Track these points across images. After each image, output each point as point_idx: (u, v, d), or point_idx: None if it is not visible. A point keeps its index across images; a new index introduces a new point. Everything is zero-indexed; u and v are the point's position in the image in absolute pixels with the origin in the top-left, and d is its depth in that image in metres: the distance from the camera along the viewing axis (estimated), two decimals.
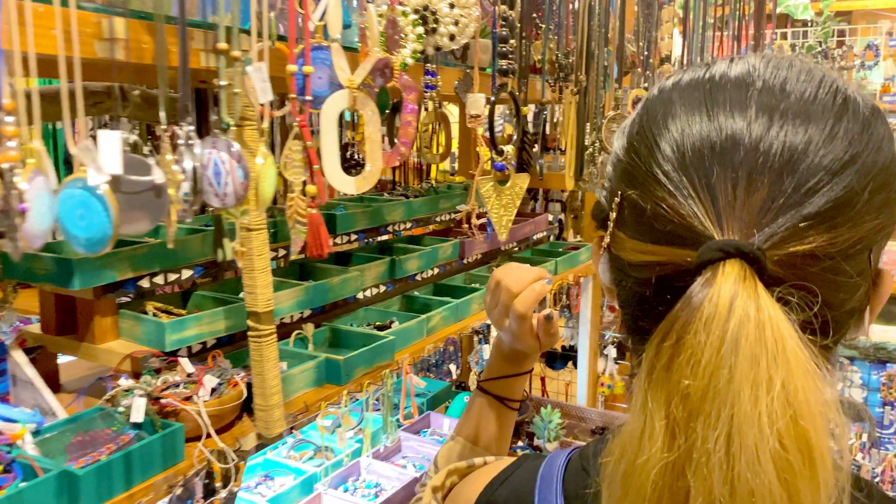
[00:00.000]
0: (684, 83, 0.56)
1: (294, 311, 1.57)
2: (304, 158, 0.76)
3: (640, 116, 0.57)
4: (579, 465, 0.65)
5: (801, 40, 3.99)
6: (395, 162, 0.76)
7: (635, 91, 1.69)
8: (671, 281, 0.51)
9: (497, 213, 0.87)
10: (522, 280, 0.89)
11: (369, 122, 0.72)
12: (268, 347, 1.23)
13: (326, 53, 0.79)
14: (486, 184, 0.82)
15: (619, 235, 0.56)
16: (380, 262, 1.85)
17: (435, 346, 1.75)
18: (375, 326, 1.74)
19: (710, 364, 0.46)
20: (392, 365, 1.57)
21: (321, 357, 1.44)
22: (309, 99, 0.78)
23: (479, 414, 0.99)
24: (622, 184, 0.56)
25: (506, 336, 0.95)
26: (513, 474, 0.70)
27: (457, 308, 1.87)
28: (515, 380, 0.99)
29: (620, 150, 0.58)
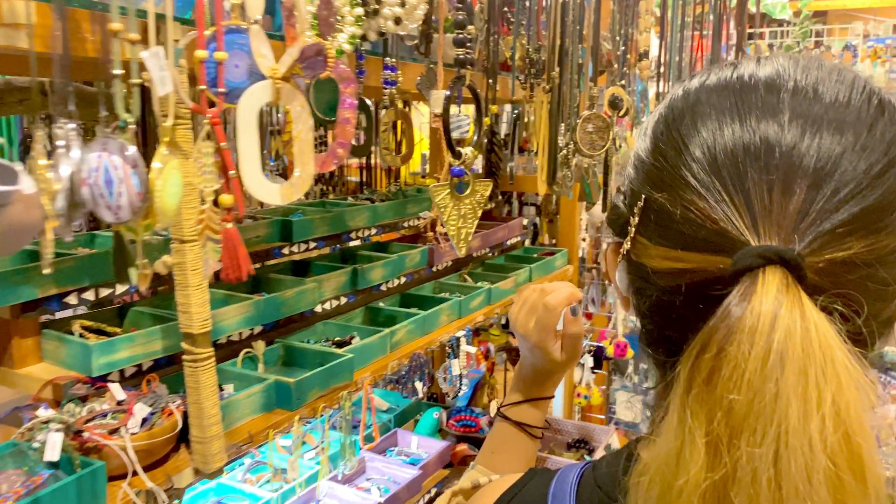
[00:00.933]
0: (711, 84, 0.54)
1: (243, 328, 1.44)
2: (218, 162, 0.64)
3: (664, 117, 0.56)
4: (593, 482, 0.62)
5: (778, 40, 3.93)
6: (329, 166, 0.64)
7: (612, 89, 1.59)
8: (703, 289, 0.49)
9: (455, 225, 0.75)
10: (557, 285, 0.96)
11: (298, 119, 0.60)
12: (205, 373, 1.10)
13: (245, 37, 0.67)
14: (441, 191, 0.71)
15: (642, 241, 0.54)
16: (340, 272, 1.72)
17: (399, 362, 1.63)
18: (334, 342, 1.62)
19: (755, 378, 0.44)
20: (351, 386, 1.45)
21: (270, 379, 1.32)
22: (223, 91, 0.66)
23: (499, 441, 0.98)
24: (647, 187, 0.54)
25: (528, 348, 0.96)
26: (522, 490, 0.67)
27: (423, 321, 1.75)
28: (537, 406, 0.98)
29: (643, 152, 0.56)
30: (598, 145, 1.51)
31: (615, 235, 0.60)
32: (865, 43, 3.91)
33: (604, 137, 1.49)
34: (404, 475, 1.93)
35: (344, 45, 0.62)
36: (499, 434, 0.98)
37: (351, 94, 0.62)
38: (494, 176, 1.37)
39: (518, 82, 1.52)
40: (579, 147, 1.52)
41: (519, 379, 1.00)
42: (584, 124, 1.51)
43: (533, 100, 1.50)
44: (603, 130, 1.49)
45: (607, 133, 1.48)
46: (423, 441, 2.08)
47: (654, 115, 0.58)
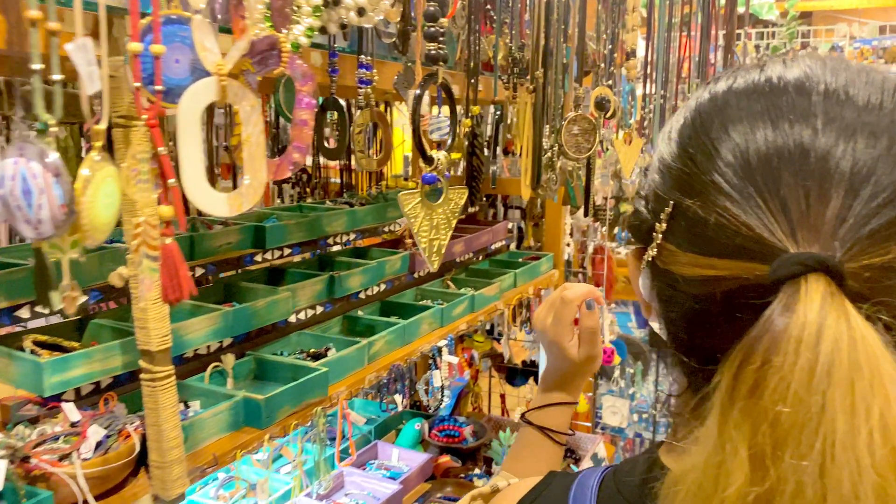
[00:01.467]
0: (740, 87, 0.53)
1: (211, 341, 1.36)
2: (155, 169, 0.57)
3: (691, 121, 0.55)
4: (614, 488, 0.62)
5: (765, 41, 3.90)
6: (284, 172, 0.57)
7: (598, 90, 1.53)
8: (738, 297, 0.48)
9: (426, 237, 0.69)
10: (578, 285, 0.99)
11: (247, 120, 0.53)
12: (164, 393, 1.02)
13: (186, 29, 0.60)
14: (411, 200, 0.64)
15: (670, 248, 0.54)
16: (316, 280, 1.65)
17: (378, 374, 1.56)
18: (309, 354, 1.54)
19: (801, 390, 0.43)
20: (325, 401, 1.38)
21: (238, 396, 1.24)
22: (160, 89, 0.59)
23: (523, 447, 0.99)
24: (675, 192, 0.53)
25: (546, 344, 0.98)
26: (541, 494, 0.67)
27: (404, 330, 1.68)
28: (560, 411, 0.99)
29: (670, 157, 0.55)
30: (584, 148, 1.46)
31: (638, 241, 0.60)
32: (852, 44, 3.89)
33: (590, 140, 1.43)
34: (384, 490, 1.86)
35: (300, 38, 0.56)
36: (522, 439, 0.99)
37: (308, 92, 0.55)
38: (476, 180, 1.31)
39: (501, 82, 1.46)
40: (564, 150, 1.46)
41: (543, 383, 1.02)
42: (570, 126, 1.45)
43: (516, 100, 1.43)
44: (589, 132, 1.43)
45: (593, 135, 1.42)
46: (405, 454, 2.01)
47: (677, 118, 0.57)
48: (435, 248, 0.70)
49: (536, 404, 1.00)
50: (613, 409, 3.99)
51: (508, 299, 2.21)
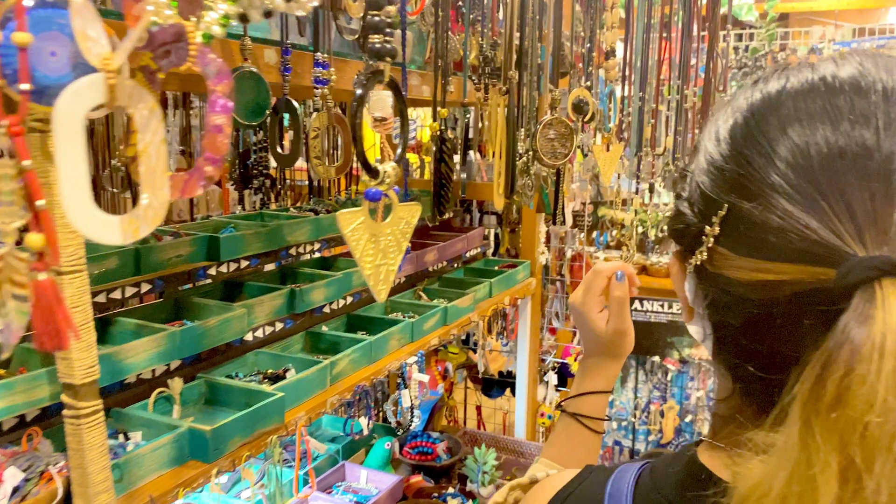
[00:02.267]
0: (794, 87, 0.52)
1: (156, 365, 1.25)
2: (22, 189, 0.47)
3: (744, 121, 0.54)
4: (650, 485, 0.61)
5: (744, 42, 3.85)
6: (193, 190, 0.47)
7: (576, 91, 1.44)
8: (802, 302, 0.48)
9: (371, 263, 0.58)
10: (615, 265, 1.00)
11: (145, 127, 0.43)
12: (90, 431, 0.91)
13: (64, 14, 0.49)
14: (351, 220, 0.53)
15: (722, 252, 0.53)
16: (275, 295, 1.54)
17: (341, 397, 1.45)
18: (266, 376, 1.43)
19: (891, 398, 0.42)
20: (281, 429, 1.27)
21: (182, 427, 1.13)
22: (27, 89, 0.48)
23: (560, 434, 1.00)
24: (730, 195, 0.52)
25: (576, 317, 1.01)
26: (578, 488, 0.67)
27: (370, 347, 1.57)
28: (596, 399, 0.99)
29: (721, 158, 0.54)
30: (561, 154, 1.36)
31: (681, 245, 0.59)
32: (831, 47, 3.85)
33: (566, 145, 1.34)
34: None
35: (214, 27, 0.46)
36: (560, 427, 1.00)
37: (223, 93, 0.45)
38: (445, 188, 1.21)
39: (471, 83, 1.36)
40: (539, 156, 1.36)
41: (579, 371, 1.03)
42: (545, 130, 1.35)
43: (488, 103, 1.33)
44: (565, 137, 1.33)
45: (570, 140, 1.33)
46: (374, 475, 1.90)
47: (724, 119, 0.56)
48: (382, 276, 0.59)
49: (573, 392, 1.01)
50: None
51: (483, 310, 2.11)
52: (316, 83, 1.10)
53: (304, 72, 1.14)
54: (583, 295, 1.00)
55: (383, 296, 0.60)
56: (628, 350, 1.00)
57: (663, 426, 3.82)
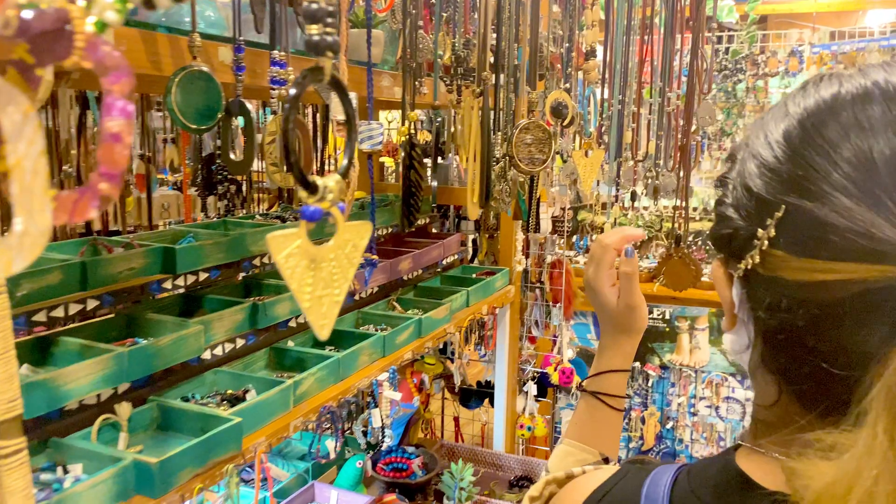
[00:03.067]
0: (850, 92, 0.54)
1: (101, 389, 1.15)
2: None
3: (799, 124, 0.55)
4: (687, 487, 0.62)
5: (724, 45, 3.81)
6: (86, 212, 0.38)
7: (554, 94, 1.36)
8: (872, 300, 0.48)
9: (310, 294, 0.49)
10: (615, 230, 1.00)
11: (17, 136, 0.34)
12: (11, 473, 0.81)
13: None
14: (285, 244, 0.45)
15: (777, 254, 0.53)
16: (236, 309, 1.44)
17: (305, 419, 1.36)
18: (225, 397, 1.34)
19: None
20: (237, 458, 1.17)
21: (126, 460, 1.03)
22: None
23: (582, 413, 1.01)
24: (788, 195, 0.53)
25: (588, 291, 1.01)
26: (614, 487, 0.67)
27: (338, 364, 1.49)
28: (615, 377, 1.00)
29: (775, 161, 0.55)
30: (538, 160, 1.28)
31: (725, 252, 0.59)
32: (811, 49, 3.82)
33: (544, 151, 1.26)
34: None
35: (108, 13, 0.37)
36: (582, 407, 1.01)
37: (121, 93, 0.37)
38: (415, 196, 1.13)
39: (443, 84, 1.28)
40: (516, 162, 1.29)
41: (598, 351, 1.03)
42: (522, 135, 1.28)
43: (461, 105, 1.25)
44: (543, 142, 1.26)
45: (548, 145, 1.26)
46: (344, 496, 1.81)
47: (775, 125, 0.56)
48: (324, 309, 0.50)
49: (592, 372, 1.02)
50: None
51: (460, 321, 2.03)
52: (273, 84, 1.01)
53: (263, 71, 1.05)
54: (593, 272, 1.00)
55: (326, 332, 0.52)
56: (642, 325, 1.00)
57: (644, 433, 3.76)
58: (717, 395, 3.61)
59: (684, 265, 1.14)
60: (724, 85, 3.77)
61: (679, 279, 1.13)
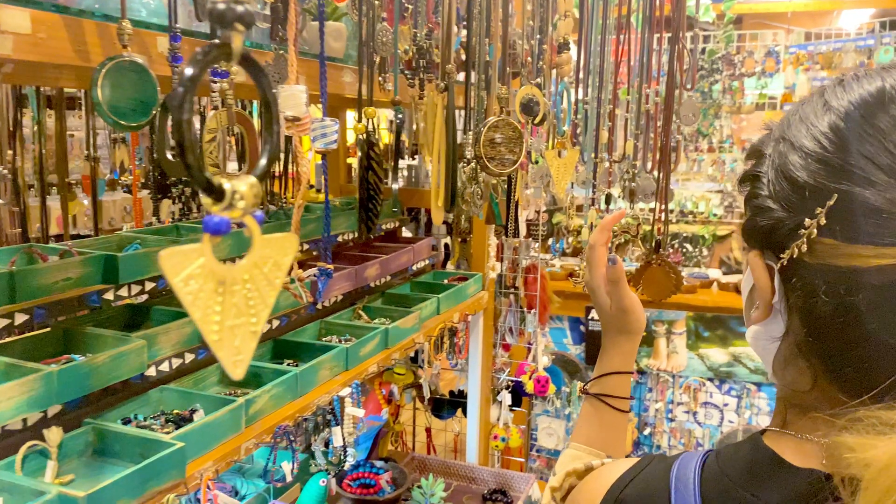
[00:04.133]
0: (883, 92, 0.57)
1: (27, 413, 1.04)
2: None
3: (846, 116, 0.56)
4: (717, 469, 0.63)
5: (700, 45, 3.76)
6: None
7: (525, 90, 1.27)
8: None
9: (218, 323, 0.39)
10: (601, 224, 1.00)
11: None
12: None
13: None
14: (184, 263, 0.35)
15: (826, 242, 0.55)
16: (184, 322, 1.34)
17: (259, 440, 1.26)
18: (171, 418, 1.23)
19: None
20: (179, 486, 1.07)
21: (50, 494, 0.93)
22: None
23: (588, 417, 1.01)
24: (839, 183, 0.55)
25: (590, 292, 1.01)
26: (641, 473, 0.68)
27: (296, 379, 1.39)
28: (618, 379, 1.01)
29: (822, 150, 0.57)
30: (508, 160, 1.20)
31: (764, 243, 0.61)
32: (787, 50, 3.79)
33: (515, 151, 1.17)
34: None
35: None
36: (586, 410, 1.02)
37: None
38: (374, 200, 1.04)
39: (404, 79, 1.18)
40: (484, 163, 1.20)
41: (599, 354, 1.04)
42: (490, 133, 1.19)
43: (423, 102, 1.16)
44: (513, 142, 1.17)
45: (519, 145, 1.17)
46: None
47: (817, 118, 0.58)
48: (238, 342, 0.41)
49: (595, 374, 1.03)
50: (549, 430, 3.78)
51: (430, 330, 1.94)
52: (213, 76, 0.91)
53: None
54: (588, 273, 1.01)
55: (240, 371, 0.42)
56: (639, 327, 1.00)
57: None
58: (694, 400, 3.56)
59: (664, 273, 1.06)
60: (700, 85, 3.72)
61: (659, 288, 1.06)
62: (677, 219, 3.97)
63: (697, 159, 3.86)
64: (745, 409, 3.53)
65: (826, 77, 3.70)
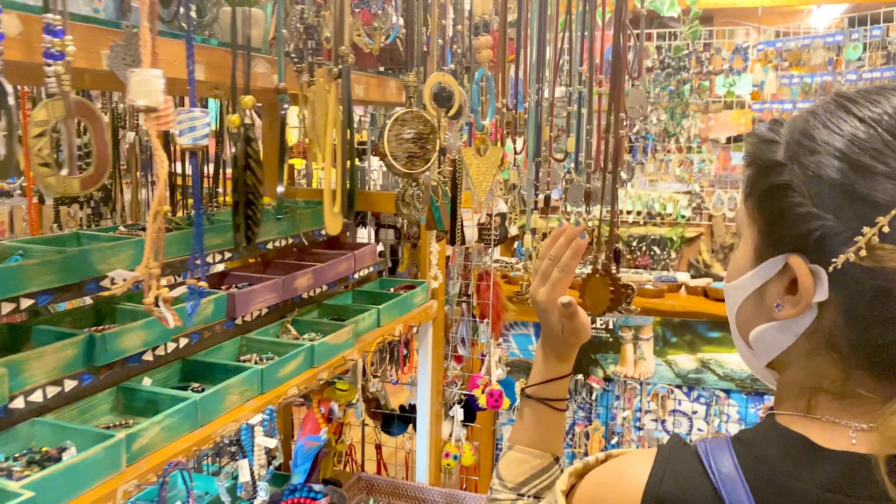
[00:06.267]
0: None
1: None
2: None
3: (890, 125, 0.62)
4: (752, 458, 0.65)
5: (666, 42, 3.65)
6: None
7: (435, 77, 1.12)
8: None
9: None
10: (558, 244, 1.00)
11: None
12: None
13: None
14: None
15: (888, 248, 0.60)
16: (64, 344, 1.18)
17: (142, 480, 1.10)
18: (35, 459, 1.07)
19: None
20: None
21: None
22: None
23: (530, 419, 1.03)
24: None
25: (542, 317, 1.02)
26: (668, 467, 0.69)
27: (195, 407, 1.23)
28: (560, 382, 1.03)
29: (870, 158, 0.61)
30: (423, 157, 1.05)
31: (810, 249, 0.64)
32: (756, 47, 3.69)
33: (427, 148, 1.03)
34: None
35: None
36: (527, 413, 1.03)
37: None
38: (252, 206, 0.88)
39: (289, 63, 1.03)
40: (390, 162, 1.05)
41: (539, 355, 1.04)
42: (397, 128, 1.04)
43: (312, 90, 1.01)
44: (426, 138, 1.03)
45: (433, 141, 1.03)
46: None
47: (862, 130, 0.62)
48: None
49: (536, 380, 1.04)
50: None
51: (367, 344, 1.79)
52: (47, 58, 0.76)
53: (36, 43, 0.79)
54: (545, 291, 1.00)
55: None
56: (586, 338, 1.02)
57: (588, 448, 3.57)
58: (662, 408, 3.44)
59: (604, 286, 0.93)
60: (666, 83, 3.61)
61: (597, 301, 0.93)
62: (644, 221, 3.86)
63: (665, 159, 3.74)
64: (714, 417, 3.42)
65: (796, 75, 3.60)
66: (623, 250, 3.90)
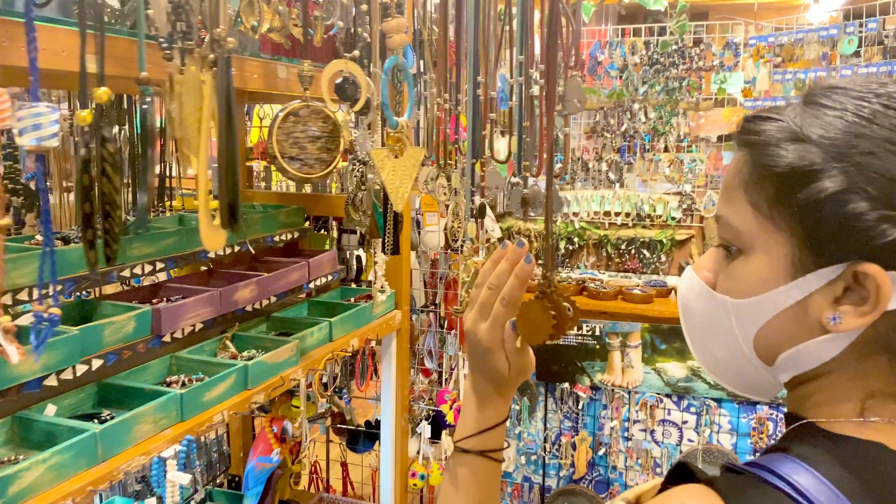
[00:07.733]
0: None
1: None
2: None
3: None
4: (841, 476, 0.59)
5: (655, 37, 3.51)
6: None
7: (335, 64, 0.99)
8: None
9: None
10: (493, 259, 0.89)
11: None
12: None
13: None
14: None
15: None
16: None
17: None
18: None
19: None
20: None
21: None
22: None
23: (464, 482, 0.89)
24: None
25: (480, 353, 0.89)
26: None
27: (95, 441, 1.10)
28: (496, 431, 0.90)
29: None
30: (324, 160, 0.93)
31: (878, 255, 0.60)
32: (748, 42, 3.55)
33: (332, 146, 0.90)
34: None
35: None
36: (462, 474, 0.89)
37: None
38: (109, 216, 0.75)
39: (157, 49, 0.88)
40: (280, 163, 0.92)
41: (471, 399, 0.91)
42: (289, 125, 0.91)
43: (179, 80, 0.87)
44: (329, 136, 0.90)
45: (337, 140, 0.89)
46: None
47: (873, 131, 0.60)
48: None
49: (471, 430, 0.89)
50: None
51: (315, 361, 1.66)
52: None
53: None
54: (488, 328, 0.87)
55: None
56: (532, 372, 0.91)
57: (575, 460, 3.43)
58: (651, 417, 3.30)
59: (542, 310, 0.80)
60: (654, 80, 3.47)
61: (534, 328, 0.79)
62: (633, 223, 3.72)
63: (654, 159, 3.61)
64: (704, 427, 3.28)
65: (790, 71, 3.45)
66: (612, 253, 3.76)
